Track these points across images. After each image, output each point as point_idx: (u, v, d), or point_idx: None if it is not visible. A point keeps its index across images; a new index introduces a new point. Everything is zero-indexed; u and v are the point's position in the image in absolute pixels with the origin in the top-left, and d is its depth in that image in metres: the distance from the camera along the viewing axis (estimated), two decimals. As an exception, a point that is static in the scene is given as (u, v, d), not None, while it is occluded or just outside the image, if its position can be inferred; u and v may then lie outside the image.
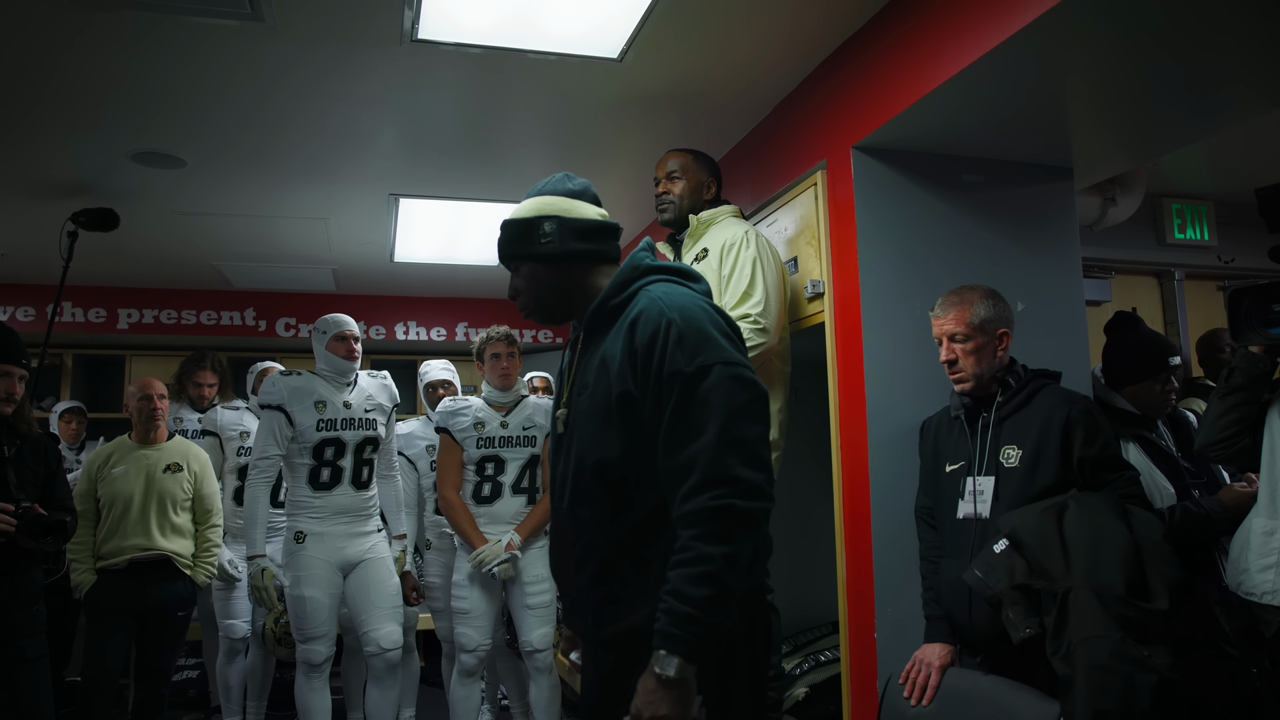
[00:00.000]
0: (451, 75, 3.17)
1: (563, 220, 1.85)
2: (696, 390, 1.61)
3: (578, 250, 1.86)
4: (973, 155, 3.01)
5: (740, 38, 2.95)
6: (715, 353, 1.64)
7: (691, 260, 3.02)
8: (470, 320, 6.79)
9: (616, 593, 1.73)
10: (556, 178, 1.94)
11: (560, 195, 1.90)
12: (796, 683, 3.34)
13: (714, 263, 2.94)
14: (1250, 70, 2.52)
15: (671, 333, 1.65)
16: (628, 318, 1.74)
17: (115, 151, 3.76)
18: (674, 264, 1.89)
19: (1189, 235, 4.72)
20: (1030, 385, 2.45)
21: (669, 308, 1.69)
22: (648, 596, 1.64)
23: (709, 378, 1.61)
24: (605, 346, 1.77)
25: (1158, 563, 2.09)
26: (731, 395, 1.61)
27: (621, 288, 1.82)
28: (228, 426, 4.46)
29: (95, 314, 6.17)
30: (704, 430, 1.59)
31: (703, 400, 1.60)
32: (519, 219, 1.88)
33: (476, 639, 3.62)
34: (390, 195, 4.45)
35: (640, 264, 1.84)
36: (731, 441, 1.58)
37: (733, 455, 1.57)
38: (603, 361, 1.76)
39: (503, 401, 3.81)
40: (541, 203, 1.89)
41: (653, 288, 1.78)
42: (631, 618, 1.69)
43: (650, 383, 1.66)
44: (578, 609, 1.83)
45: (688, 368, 1.62)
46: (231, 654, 4.30)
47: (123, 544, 3.69)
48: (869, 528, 2.77)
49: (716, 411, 1.59)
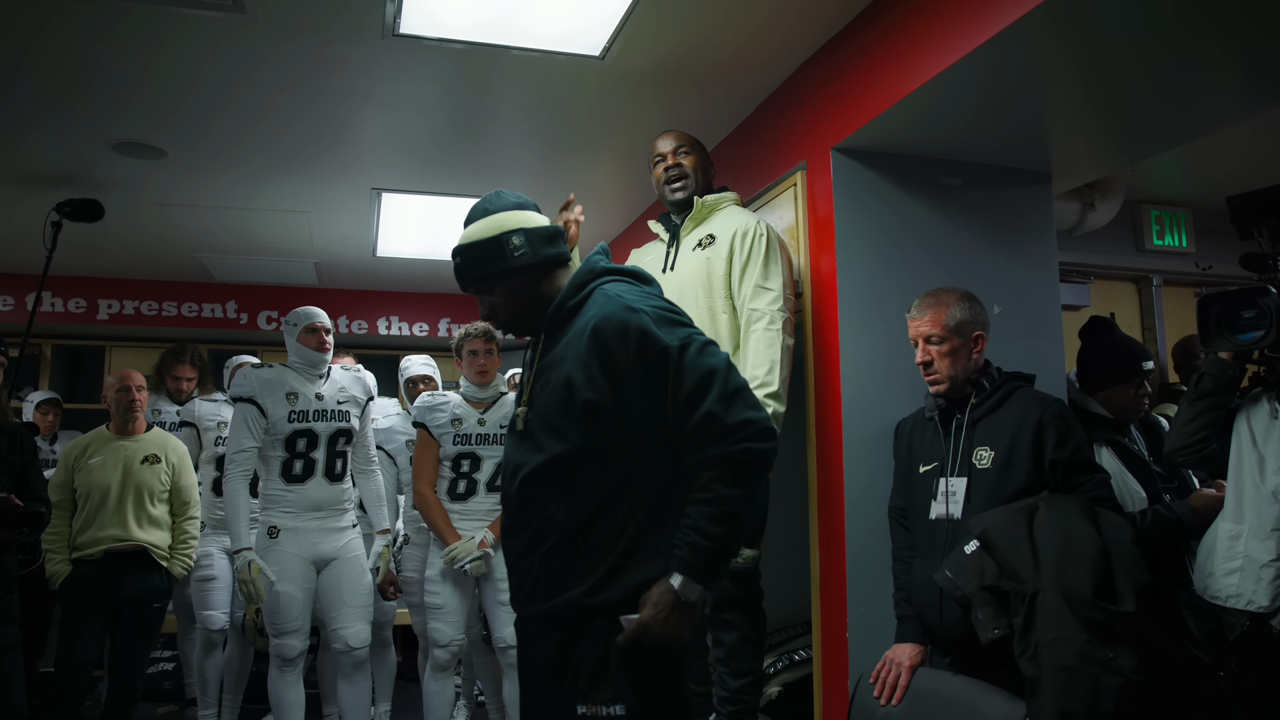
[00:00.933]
0: (434, 70, 3.16)
1: (528, 231, 1.96)
2: (685, 359, 1.79)
3: (548, 256, 1.98)
4: (952, 158, 3.03)
5: (722, 38, 2.96)
6: (687, 329, 1.85)
7: (694, 245, 2.96)
8: (453, 316, 6.78)
9: (565, 568, 1.85)
10: (492, 196, 2.02)
11: (510, 210, 1.99)
12: (770, 681, 3.35)
13: (723, 250, 2.87)
14: (1229, 75, 2.54)
15: (644, 320, 1.81)
16: (585, 317, 1.88)
17: (96, 141, 3.75)
18: (629, 267, 2.03)
19: (1167, 242, 4.76)
20: (1004, 387, 2.46)
21: (630, 303, 1.84)
22: (592, 571, 1.82)
23: (693, 346, 1.81)
24: (565, 345, 1.90)
25: (1126, 566, 2.10)
26: (715, 356, 1.82)
27: (578, 289, 1.95)
28: (205, 418, 4.44)
29: (75, 304, 6.14)
30: (710, 389, 1.78)
31: (696, 366, 1.79)
32: (483, 239, 1.96)
33: (450, 634, 3.62)
34: (373, 189, 4.44)
35: (595, 266, 1.98)
36: (733, 391, 1.79)
37: (739, 402, 1.78)
38: (564, 360, 1.88)
39: (481, 398, 3.80)
40: (498, 220, 1.97)
41: (608, 286, 1.92)
42: (573, 590, 1.83)
43: (632, 370, 1.80)
44: (524, 584, 1.93)
45: (674, 344, 1.79)
46: (209, 646, 4.28)
47: (99, 534, 3.68)
48: (843, 527, 2.78)
49: (712, 371, 1.79)
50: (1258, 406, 2.48)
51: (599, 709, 1.78)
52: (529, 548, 1.90)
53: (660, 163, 3.06)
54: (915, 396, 2.69)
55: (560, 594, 1.84)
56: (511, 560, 1.99)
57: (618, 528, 1.82)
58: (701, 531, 1.74)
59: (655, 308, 1.85)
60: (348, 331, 6.60)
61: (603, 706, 1.78)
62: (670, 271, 2.98)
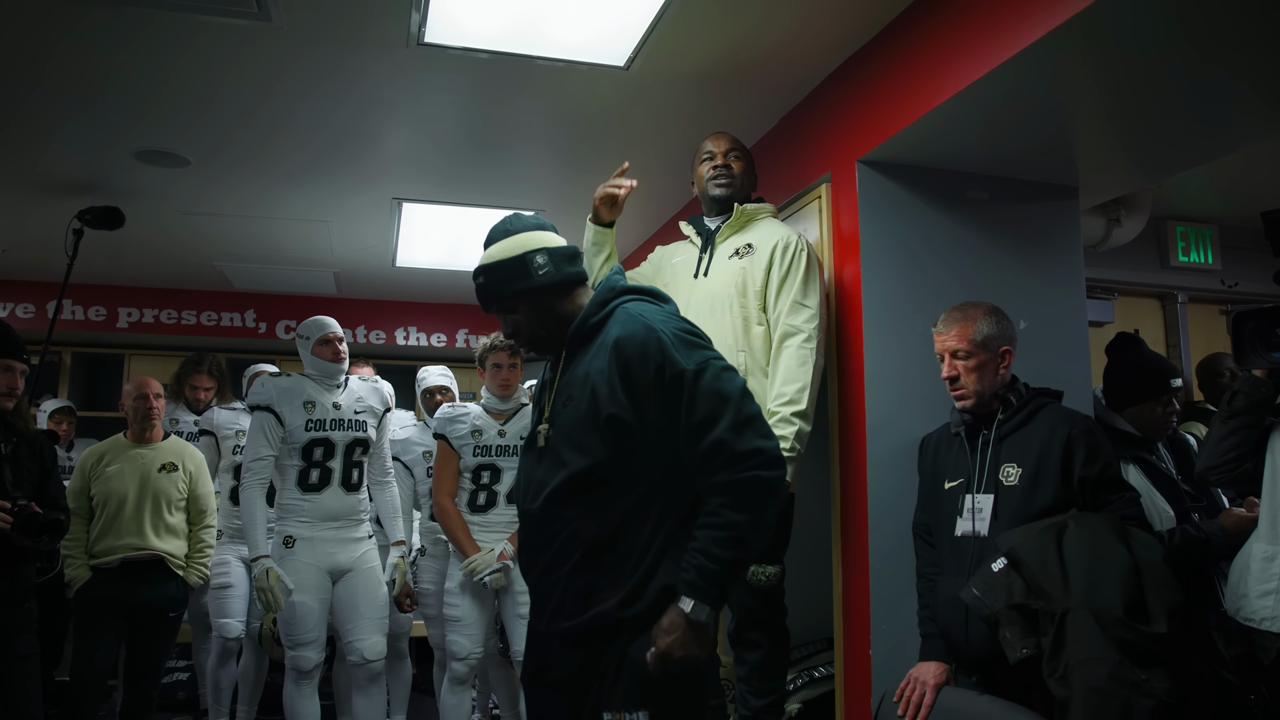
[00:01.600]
0: (457, 80, 3.16)
1: (551, 250, 1.99)
2: (700, 384, 1.80)
3: (570, 274, 2.01)
4: (978, 171, 3.00)
5: (747, 50, 2.95)
6: (705, 352, 1.86)
7: (730, 253, 2.89)
8: (470, 327, 6.78)
9: (592, 582, 1.86)
10: (510, 218, 2.06)
11: (531, 230, 2.02)
12: (790, 698, 3.31)
13: (762, 261, 2.80)
14: (1258, 92, 2.51)
15: (663, 341, 1.83)
16: (608, 335, 1.90)
17: (119, 149, 3.76)
18: (645, 286, 2.07)
19: (1193, 258, 4.71)
20: (1031, 404, 2.43)
21: (652, 323, 1.87)
22: (621, 584, 1.84)
23: (709, 372, 1.82)
24: (587, 363, 1.93)
25: (1157, 586, 2.07)
26: (731, 383, 1.83)
27: (600, 306, 1.98)
28: (224, 426, 4.45)
29: (95, 312, 6.17)
30: (721, 415, 1.79)
31: (710, 391, 1.80)
32: (507, 259, 1.98)
33: (468, 647, 3.59)
34: (394, 199, 4.44)
35: (616, 285, 2.02)
36: (746, 419, 1.80)
37: (750, 430, 1.79)
38: (586, 375, 1.91)
39: (501, 409, 3.79)
40: (521, 240, 2.00)
41: (629, 306, 1.95)
42: (604, 604, 1.84)
43: (651, 390, 1.82)
44: (548, 603, 1.93)
45: (690, 367, 1.81)
46: (224, 655, 4.26)
47: (115, 543, 3.68)
48: (866, 543, 2.75)
49: (726, 397, 1.80)
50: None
51: (622, 715, 1.79)
52: (554, 563, 1.91)
53: (709, 160, 2.99)
54: (940, 411, 2.66)
55: (590, 608, 1.85)
56: (535, 576, 1.98)
57: (644, 540, 1.85)
58: (709, 555, 1.76)
59: (675, 329, 1.87)
60: (365, 341, 6.61)
61: (626, 714, 1.79)
62: (704, 278, 2.92)
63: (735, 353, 2.75)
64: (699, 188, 3.04)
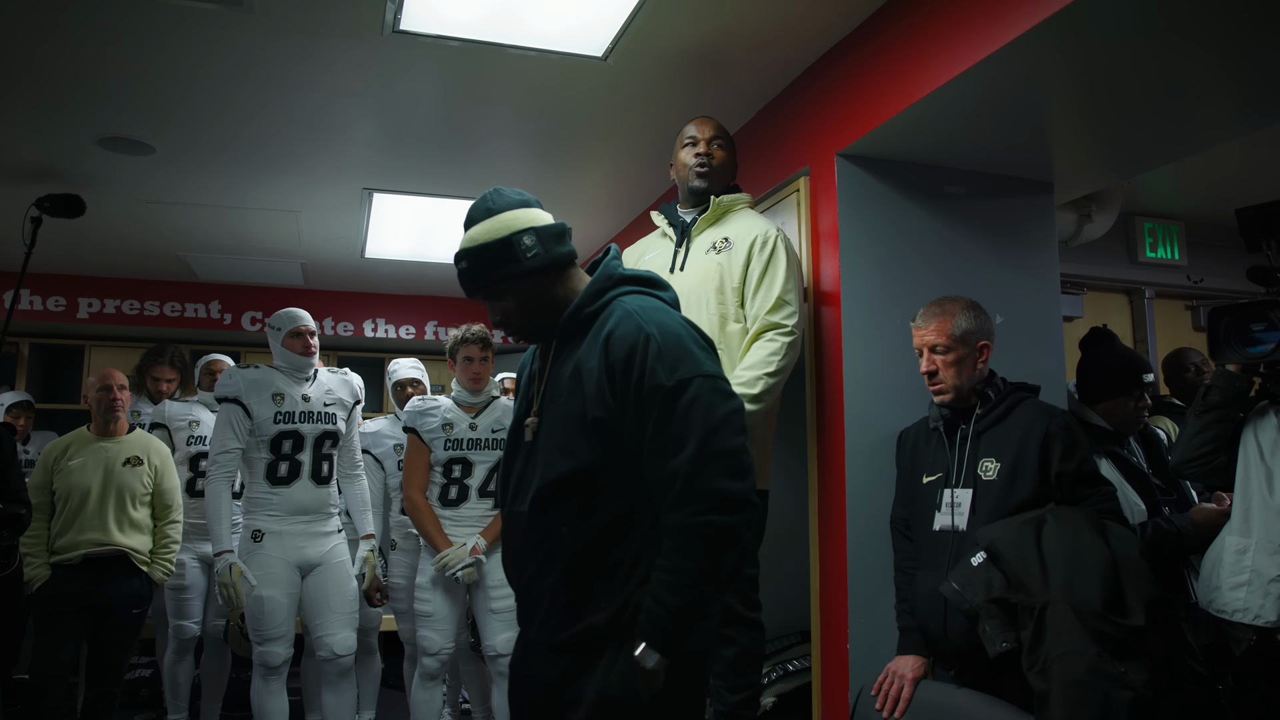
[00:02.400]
0: (433, 69, 3.12)
1: (538, 230, 1.83)
2: (677, 404, 1.64)
3: (561, 255, 1.86)
4: (955, 166, 3.01)
5: (726, 42, 2.93)
6: (693, 366, 1.67)
7: (707, 247, 2.85)
8: (440, 319, 6.72)
9: (581, 596, 1.75)
10: (491, 195, 1.89)
11: (515, 208, 1.86)
12: (765, 692, 3.31)
13: (739, 256, 2.76)
14: (1228, 91, 2.54)
15: (650, 347, 1.68)
16: (602, 328, 1.76)
17: (82, 136, 3.67)
18: (644, 273, 1.91)
19: (1160, 254, 4.78)
20: (1010, 398, 2.44)
21: (646, 322, 1.71)
22: (613, 597, 1.71)
23: (689, 391, 1.65)
24: (580, 355, 1.78)
25: (1135, 579, 2.08)
26: (711, 408, 1.64)
27: (596, 296, 1.83)
28: (176, 418, 4.37)
29: (55, 302, 6.04)
30: (685, 443, 1.62)
31: (683, 414, 1.64)
32: (491, 241, 1.82)
33: (439, 642, 3.56)
34: (364, 189, 4.39)
35: (614, 273, 1.86)
36: (712, 454, 1.62)
37: (714, 467, 1.61)
38: (576, 371, 1.77)
39: (472, 402, 3.76)
40: (506, 220, 1.84)
41: (627, 299, 1.80)
42: (595, 616, 1.73)
43: (630, 398, 1.69)
44: (536, 612, 1.82)
45: (668, 381, 1.65)
46: (181, 651, 4.20)
47: (78, 538, 3.60)
48: (844, 537, 2.75)
49: (696, 425, 1.63)
50: (1265, 420, 2.47)
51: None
52: (540, 573, 1.80)
53: (692, 146, 2.92)
54: (918, 406, 2.66)
55: (578, 621, 1.74)
56: (522, 583, 1.87)
57: (633, 552, 1.72)
58: (658, 600, 1.63)
59: (668, 334, 1.70)
60: (333, 333, 6.53)
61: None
62: (680, 273, 2.88)
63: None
64: (678, 174, 2.98)
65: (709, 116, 3.01)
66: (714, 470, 1.61)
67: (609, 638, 1.71)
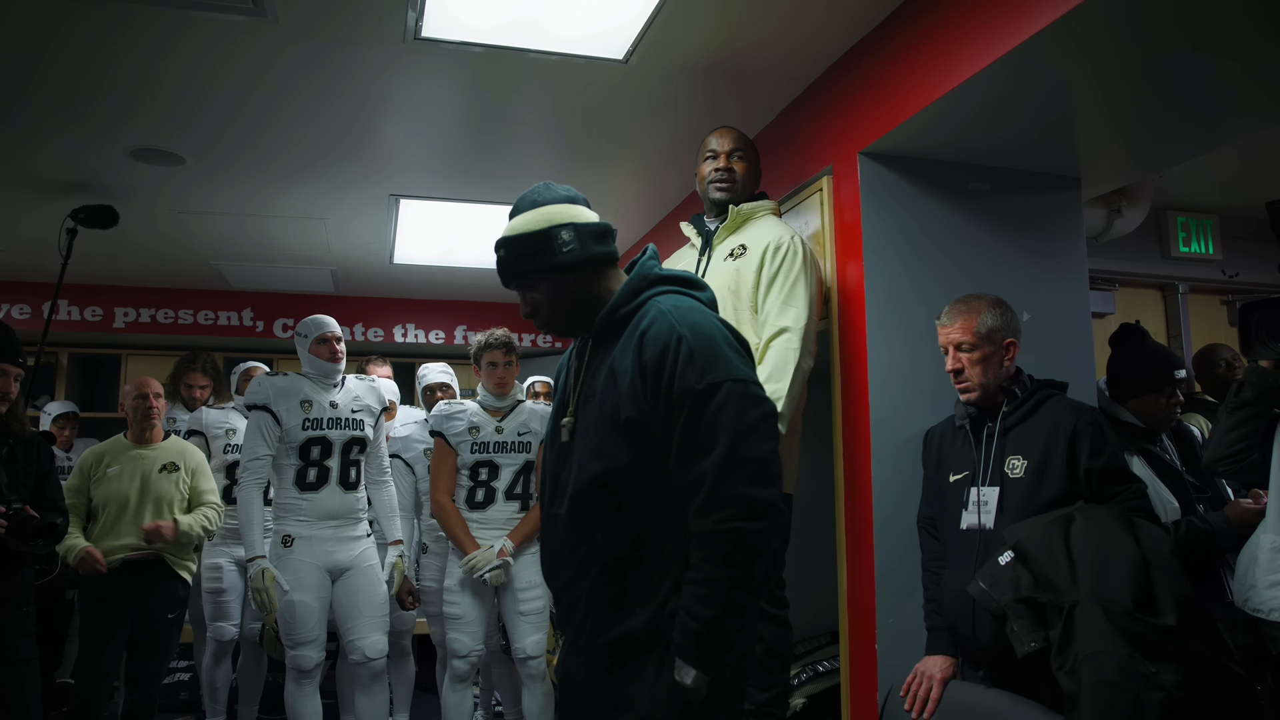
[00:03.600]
0: (454, 75, 3.14)
1: (578, 226, 1.83)
2: (706, 408, 1.63)
3: (598, 254, 1.85)
4: (980, 163, 2.98)
5: (747, 42, 2.92)
6: (724, 369, 1.65)
7: (726, 255, 2.88)
8: (469, 323, 6.75)
9: (617, 599, 1.73)
10: (540, 187, 1.91)
11: (560, 203, 1.87)
12: (794, 693, 3.30)
13: (754, 261, 2.78)
14: (1259, 82, 2.50)
15: (682, 349, 1.66)
16: (637, 328, 1.75)
17: (114, 148, 3.73)
18: (681, 273, 1.90)
19: (1194, 249, 4.70)
20: (1036, 395, 2.42)
21: (679, 323, 1.69)
22: (648, 601, 1.70)
23: (718, 395, 1.63)
24: (615, 355, 1.77)
25: (1165, 578, 2.05)
26: (741, 413, 1.62)
27: (632, 296, 1.82)
28: (213, 425, 4.43)
29: (91, 312, 6.13)
30: (713, 448, 1.61)
31: (712, 418, 1.62)
32: (530, 232, 1.83)
33: (469, 644, 3.58)
34: (391, 196, 4.42)
35: (650, 273, 1.85)
36: (740, 460, 1.60)
37: (741, 473, 1.60)
38: (611, 371, 1.76)
39: (498, 406, 3.78)
40: (547, 213, 1.85)
41: (662, 299, 1.78)
42: (631, 621, 1.71)
43: (661, 400, 1.67)
44: (573, 615, 1.82)
45: (698, 385, 1.63)
46: (219, 655, 4.26)
47: (116, 544, 3.65)
48: (871, 537, 2.74)
49: (725, 430, 1.61)
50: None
51: None
52: (575, 577, 1.79)
53: (711, 160, 2.96)
54: (944, 404, 2.64)
55: (615, 626, 1.73)
56: (559, 586, 1.87)
57: (667, 555, 1.70)
58: (691, 613, 1.61)
59: (700, 335, 1.68)
60: (364, 339, 6.58)
61: None
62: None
63: None
64: (700, 186, 3.02)
65: (730, 127, 3.02)
66: (741, 476, 1.59)
67: (646, 643, 1.70)
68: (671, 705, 1.63)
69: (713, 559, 1.60)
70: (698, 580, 1.61)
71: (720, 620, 1.59)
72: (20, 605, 3.01)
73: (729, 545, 1.59)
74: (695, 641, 1.60)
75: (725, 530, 1.58)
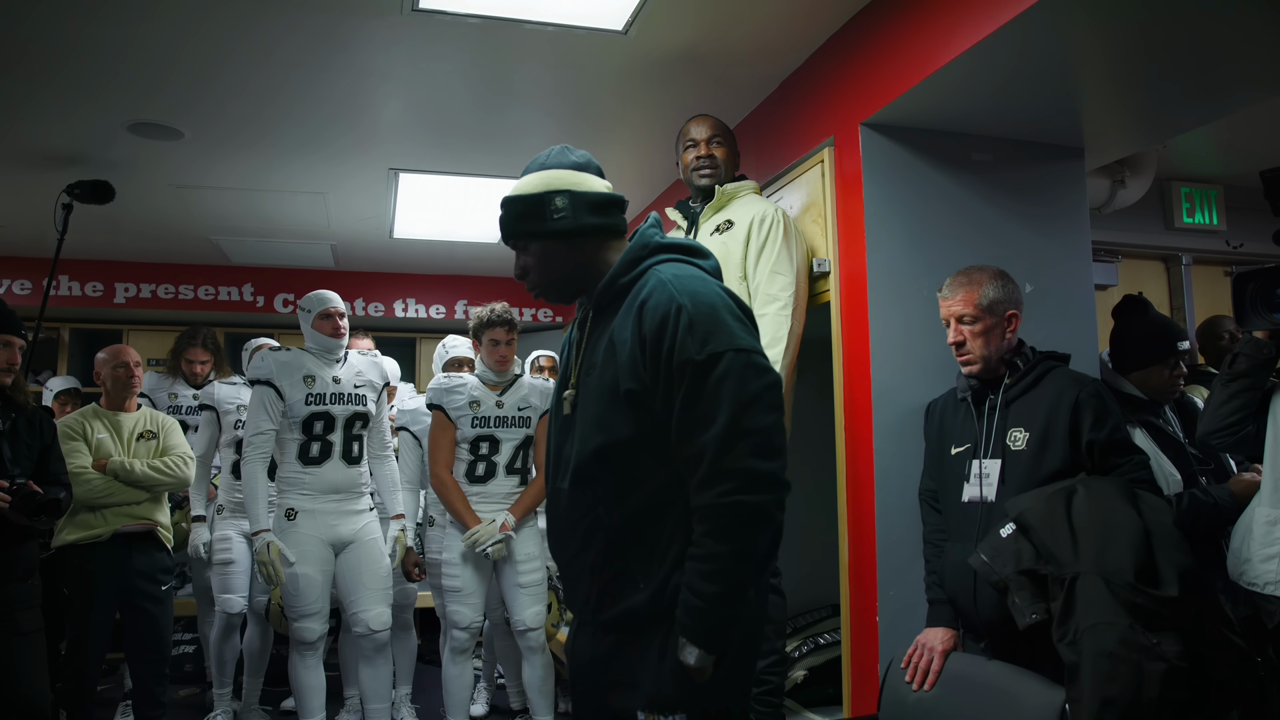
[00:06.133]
0: (453, 47, 3.11)
1: (575, 194, 1.79)
2: (707, 379, 1.59)
3: (592, 225, 1.80)
4: (982, 133, 2.96)
5: (747, 11, 2.89)
6: (726, 339, 1.61)
7: (712, 230, 3.01)
8: (470, 298, 6.74)
9: (620, 574, 1.72)
10: (556, 150, 1.87)
11: (567, 169, 1.83)
12: (796, 665, 3.32)
13: (741, 235, 2.93)
14: (1261, 50, 2.47)
15: (682, 319, 1.62)
16: (637, 298, 1.71)
17: (112, 122, 3.71)
18: (683, 240, 1.86)
19: (1197, 220, 4.67)
20: (1039, 367, 2.40)
21: (679, 292, 1.66)
22: (651, 577, 1.67)
23: (719, 365, 1.59)
24: (614, 326, 1.74)
25: (1168, 549, 2.05)
26: (743, 384, 1.59)
27: (631, 265, 1.78)
28: (225, 400, 4.41)
29: (92, 288, 6.12)
30: (714, 420, 1.57)
31: (713, 389, 1.59)
32: (526, 195, 1.80)
33: (469, 616, 3.60)
34: (390, 170, 4.39)
35: (650, 241, 1.81)
36: (742, 431, 1.56)
37: (743, 446, 1.56)
38: (611, 342, 1.73)
39: (498, 380, 3.78)
40: (549, 176, 1.81)
41: (662, 268, 1.74)
42: (634, 598, 1.69)
43: (661, 370, 1.64)
44: (578, 590, 1.81)
45: (698, 355, 1.59)
46: (228, 630, 4.26)
47: (109, 516, 3.63)
48: (872, 510, 2.74)
49: (727, 401, 1.57)
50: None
51: (656, 718, 1.66)
52: (579, 551, 1.77)
53: (692, 149, 3.10)
54: (946, 377, 2.63)
55: (619, 601, 1.71)
56: (564, 561, 1.85)
57: (669, 531, 1.67)
58: (693, 590, 1.58)
59: (701, 304, 1.65)
60: (364, 314, 6.57)
61: (661, 716, 1.65)
62: None
63: None
64: (683, 174, 3.14)
65: (706, 115, 3.14)
66: (743, 449, 1.56)
67: (650, 621, 1.67)
68: (676, 686, 1.62)
69: (715, 533, 1.57)
70: (700, 556, 1.59)
71: (723, 597, 1.57)
72: (25, 577, 3.02)
73: (731, 519, 1.56)
74: (698, 619, 1.58)
75: (727, 504, 1.56)
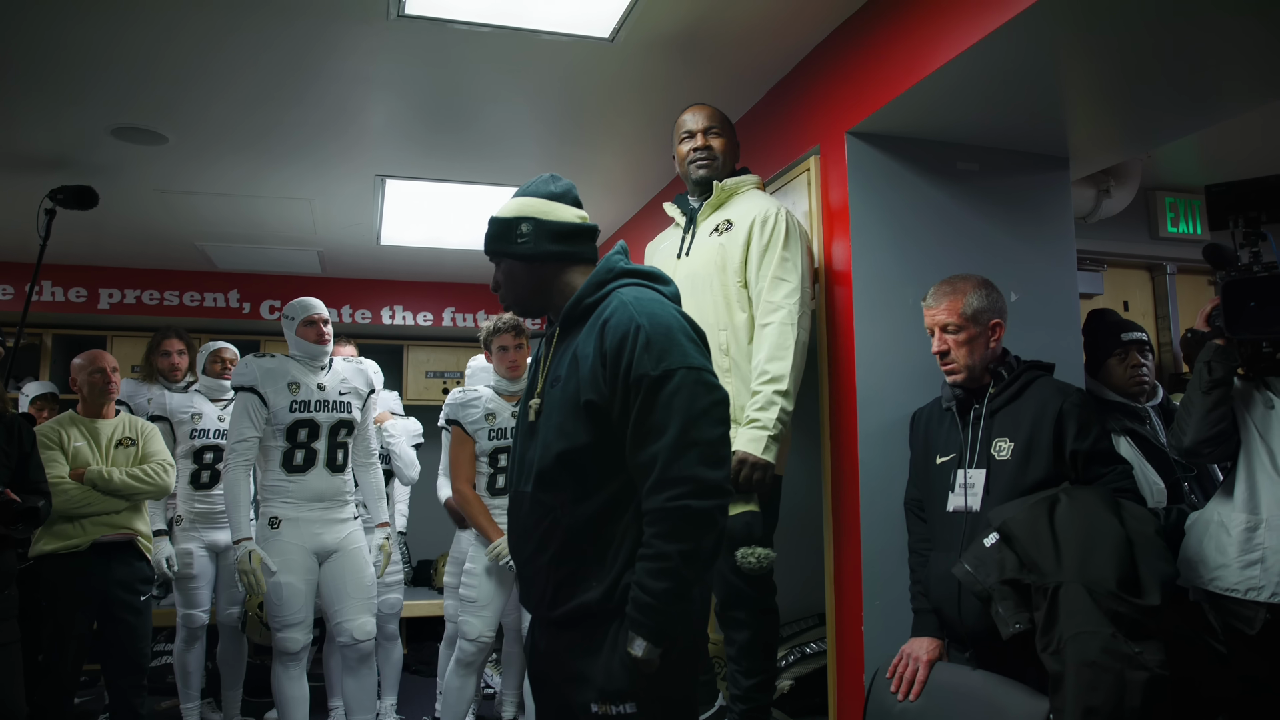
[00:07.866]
0: (439, 54, 3.10)
1: (539, 222, 1.97)
2: (660, 393, 1.73)
3: (551, 252, 1.98)
4: (968, 142, 2.96)
5: (734, 21, 2.89)
6: (679, 357, 1.76)
7: (710, 231, 2.85)
8: (457, 305, 6.72)
9: (574, 572, 1.85)
10: (542, 178, 2.06)
11: (541, 197, 2.02)
12: (782, 675, 3.30)
13: (740, 238, 2.75)
14: (1246, 60, 2.48)
15: (640, 337, 1.77)
16: (600, 317, 1.86)
17: (95, 126, 3.68)
18: (645, 268, 2.02)
19: (1182, 229, 4.69)
20: (1023, 377, 2.41)
21: (639, 313, 1.80)
22: (604, 575, 1.82)
23: (672, 381, 1.74)
24: (578, 343, 1.89)
25: (1150, 558, 2.06)
26: (693, 399, 1.74)
27: (596, 288, 1.94)
28: (177, 410, 4.35)
29: (76, 293, 6.07)
30: (665, 431, 1.72)
31: (665, 403, 1.73)
32: (501, 218, 2.01)
33: (480, 628, 3.59)
34: (376, 176, 4.38)
35: (614, 266, 1.97)
36: (691, 442, 1.71)
37: (691, 455, 1.70)
38: (574, 358, 1.88)
39: (512, 391, 3.78)
40: (522, 204, 2.01)
41: (624, 291, 1.90)
42: (587, 595, 1.82)
43: (619, 385, 1.78)
44: (533, 588, 1.94)
45: (654, 371, 1.74)
46: (190, 639, 4.22)
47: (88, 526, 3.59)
48: (857, 519, 2.73)
49: (678, 414, 1.72)
50: (1249, 399, 2.43)
51: (609, 708, 1.78)
52: (536, 551, 1.90)
53: (688, 140, 2.91)
54: (931, 386, 2.64)
55: (573, 598, 1.84)
56: (521, 560, 1.98)
57: (621, 532, 1.82)
58: (643, 587, 1.72)
59: (658, 325, 1.79)
60: (351, 321, 6.53)
61: (613, 705, 1.78)
62: (685, 258, 2.90)
63: (717, 331, 2.72)
64: (680, 168, 2.98)
65: (702, 104, 2.98)
66: (691, 457, 1.70)
67: (601, 617, 1.81)
68: (626, 677, 1.76)
69: (664, 535, 1.70)
70: (649, 555, 1.72)
71: (668, 594, 1.70)
72: (1, 589, 2.99)
73: (679, 521, 1.70)
74: (646, 613, 1.71)
75: (676, 507, 1.69)
